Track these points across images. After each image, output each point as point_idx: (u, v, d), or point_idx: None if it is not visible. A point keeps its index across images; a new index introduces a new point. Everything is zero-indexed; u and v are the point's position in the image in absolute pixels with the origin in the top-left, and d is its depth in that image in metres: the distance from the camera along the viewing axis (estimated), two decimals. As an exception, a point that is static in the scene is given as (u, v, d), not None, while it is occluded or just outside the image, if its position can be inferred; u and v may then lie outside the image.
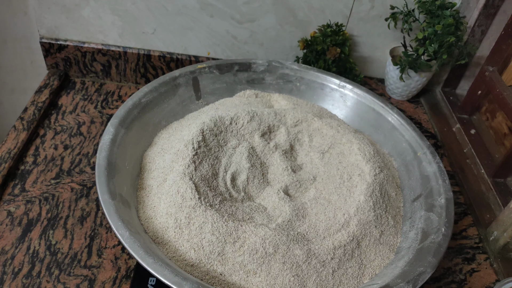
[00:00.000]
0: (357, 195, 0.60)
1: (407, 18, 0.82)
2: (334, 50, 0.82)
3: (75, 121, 0.73)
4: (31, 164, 0.64)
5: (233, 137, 0.68)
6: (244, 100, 0.76)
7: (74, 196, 0.61)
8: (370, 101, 0.73)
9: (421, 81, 0.85)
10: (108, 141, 0.56)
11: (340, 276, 0.51)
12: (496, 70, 0.80)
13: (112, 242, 0.56)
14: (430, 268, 0.49)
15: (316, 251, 0.52)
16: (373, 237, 0.55)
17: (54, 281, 0.51)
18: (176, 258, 0.50)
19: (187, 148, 0.61)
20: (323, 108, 0.78)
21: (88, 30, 0.82)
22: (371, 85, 0.93)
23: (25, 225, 0.56)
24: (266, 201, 0.59)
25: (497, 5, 0.81)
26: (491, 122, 0.84)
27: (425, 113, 0.89)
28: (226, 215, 0.54)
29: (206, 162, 0.61)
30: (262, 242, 0.51)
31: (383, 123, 0.71)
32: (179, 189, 0.56)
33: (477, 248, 0.64)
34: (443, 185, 0.59)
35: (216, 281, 0.49)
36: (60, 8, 0.80)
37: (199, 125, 0.66)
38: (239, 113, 0.70)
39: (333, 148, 0.70)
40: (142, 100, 0.64)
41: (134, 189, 0.57)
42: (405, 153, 0.67)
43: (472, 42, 0.86)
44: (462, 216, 0.68)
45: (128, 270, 0.53)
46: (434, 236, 0.53)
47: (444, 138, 0.82)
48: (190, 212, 0.54)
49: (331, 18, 0.85)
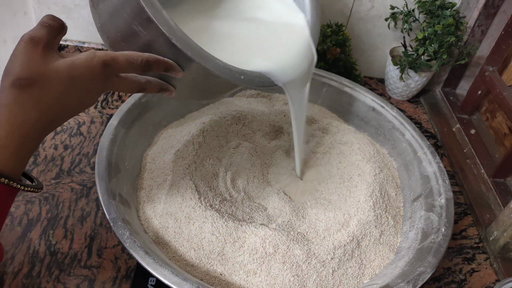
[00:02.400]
0: (357, 195, 0.60)
1: (407, 18, 0.82)
2: (334, 50, 0.82)
3: (75, 121, 0.73)
4: (31, 164, 0.64)
5: (233, 137, 0.68)
6: (244, 100, 0.76)
7: (74, 196, 0.61)
8: (370, 101, 0.73)
9: (421, 81, 0.85)
10: (108, 141, 0.56)
11: (340, 276, 0.51)
12: (496, 70, 0.80)
13: (112, 242, 0.56)
14: (430, 268, 0.49)
15: (316, 251, 0.52)
16: (373, 237, 0.55)
17: (54, 281, 0.51)
18: (176, 258, 0.50)
19: (187, 148, 0.61)
20: (323, 108, 0.78)
21: (88, 30, 0.82)
22: (371, 85, 0.93)
23: (25, 225, 0.56)
24: (266, 201, 0.59)
25: (497, 5, 0.81)
26: (491, 122, 0.84)
27: (425, 113, 0.89)
28: (226, 215, 0.54)
29: (206, 162, 0.61)
30: (262, 242, 0.51)
31: (383, 123, 0.71)
32: (179, 189, 0.56)
33: (477, 248, 0.64)
34: (443, 185, 0.59)
35: (216, 281, 0.49)
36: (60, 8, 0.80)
37: (199, 125, 0.66)
38: (239, 113, 0.70)
39: (333, 148, 0.70)
40: (142, 100, 0.64)
41: (134, 189, 0.57)
42: (405, 153, 0.67)
43: (472, 42, 0.87)
44: (462, 216, 0.68)
45: (128, 270, 0.53)
46: (434, 236, 0.53)
47: (444, 138, 0.82)
48: (190, 212, 0.54)
49: (331, 18, 0.85)
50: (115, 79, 0.39)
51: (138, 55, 0.39)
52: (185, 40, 0.39)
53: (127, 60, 0.38)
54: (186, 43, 0.39)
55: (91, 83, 0.37)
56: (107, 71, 0.37)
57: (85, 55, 0.37)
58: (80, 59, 0.36)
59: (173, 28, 0.38)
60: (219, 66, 0.41)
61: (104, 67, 0.37)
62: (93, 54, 0.37)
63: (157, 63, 0.40)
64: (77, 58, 0.36)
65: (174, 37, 0.38)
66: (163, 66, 0.40)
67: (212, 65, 0.41)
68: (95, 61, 0.36)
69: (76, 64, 0.36)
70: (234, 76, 0.43)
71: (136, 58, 0.38)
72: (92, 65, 0.36)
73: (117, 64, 0.37)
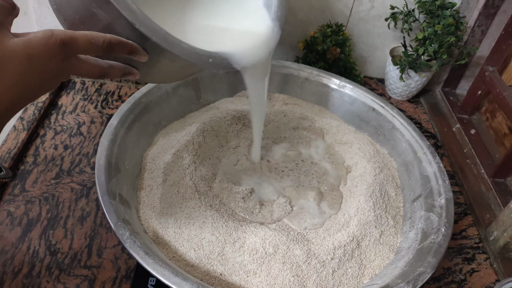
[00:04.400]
0: (357, 195, 0.60)
1: (407, 18, 0.82)
2: (334, 50, 0.82)
3: (75, 121, 0.73)
4: (31, 164, 0.64)
5: (233, 137, 0.68)
6: (244, 100, 0.76)
7: (74, 196, 0.61)
8: (370, 101, 0.73)
9: (421, 81, 0.85)
10: (108, 141, 0.56)
11: (340, 276, 0.51)
12: (496, 70, 0.80)
13: (112, 242, 0.56)
14: (430, 268, 0.49)
15: (316, 251, 0.52)
16: (373, 237, 0.55)
17: (54, 281, 0.51)
18: (176, 258, 0.50)
19: (187, 148, 0.61)
20: (323, 108, 0.78)
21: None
22: (371, 85, 0.93)
23: (25, 225, 0.56)
24: (266, 201, 0.59)
25: (497, 5, 0.81)
26: (491, 122, 0.84)
27: (425, 113, 0.89)
28: (226, 215, 0.54)
29: (206, 162, 0.62)
30: (262, 242, 0.51)
31: (383, 123, 0.71)
32: (179, 189, 0.56)
33: (477, 248, 0.64)
34: (443, 185, 0.59)
35: (216, 281, 0.49)
36: (60, 8, 0.79)
37: (199, 125, 0.66)
38: (239, 113, 0.70)
39: (333, 148, 0.70)
40: (142, 100, 0.64)
41: (134, 189, 0.57)
42: (405, 153, 0.67)
43: (472, 42, 0.86)
44: (462, 216, 0.68)
45: (128, 270, 0.53)
46: (434, 236, 0.53)
47: (444, 138, 0.82)
48: (190, 212, 0.54)
49: (331, 18, 0.85)
50: (74, 60, 0.37)
51: (100, 35, 0.37)
52: (149, 25, 0.37)
53: (87, 40, 0.36)
54: (150, 27, 0.37)
55: (49, 63, 0.35)
56: (66, 51, 0.35)
57: (41, 33, 0.34)
58: (36, 37, 0.34)
59: (135, 12, 0.36)
60: (186, 50, 0.40)
61: (63, 46, 0.35)
62: (50, 32, 0.34)
63: (120, 45, 0.38)
64: (34, 36, 0.34)
65: (137, 22, 0.37)
66: (126, 49, 0.38)
67: (179, 50, 0.39)
68: (52, 40, 0.34)
69: (33, 42, 0.34)
70: (202, 60, 0.42)
71: (97, 38, 0.36)
72: (49, 44, 0.34)
73: (76, 44, 0.35)
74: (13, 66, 0.33)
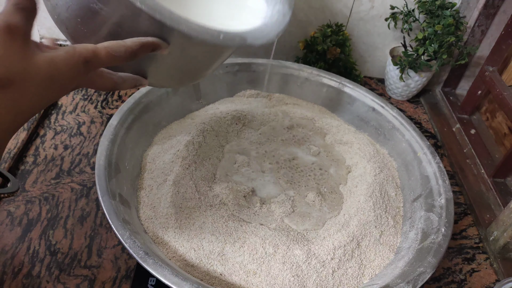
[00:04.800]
0: (357, 195, 0.60)
1: (407, 18, 0.82)
2: (334, 50, 0.82)
3: (75, 121, 0.73)
4: (31, 164, 0.64)
5: (233, 137, 0.68)
6: (244, 100, 0.76)
7: (74, 196, 0.61)
8: (370, 101, 0.73)
9: (421, 81, 0.85)
10: (108, 141, 0.56)
11: (340, 276, 0.51)
12: (496, 70, 0.80)
13: (112, 242, 0.56)
14: (430, 268, 0.49)
15: (316, 251, 0.52)
16: (373, 237, 0.55)
17: (54, 281, 0.51)
18: (176, 258, 0.50)
19: (187, 148, 0.61)
20: (323, 108, 0.78)
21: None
22: (371, 85, 0.93)
23: (25, 225, 0.56)
24: (266, 201, 0.59)
25: (497, 5, 0.81)
26: (491, 122, 0.84)
27: (425, 113, 0.89)
28: (226, 215, 0.54)
29: (206, 162, 0.62)
30: (262, 242, 0.51)
31: (383, 123, 0.72)
32: (179, 189, 0.56)
33: (477, 248, 0.64)
34: (443, 185, 0.59)
35: (216, 281, 0.49)
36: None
37: (199, 125, 0.66)
38: (239, 113, 0.70)
39: (333, 148, 0.70)
40: (142, 100, 0.64)
41: (134, 189, 0.57)
42: (405, 153, 0.67)
43: (472, 42, 0.86)
44: (462, 216, 0.68)
45: (128, 270, 0.53)
46: (434, 236, 0.53)
47: (444, 138, 0.82)
48: (190, 212, 0.54)
49: (331, 18, 0.85)
50: (91, 75, 0.35)
51: (120, 44, 0.34)
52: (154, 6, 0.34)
53: (107, 53, 0.34)
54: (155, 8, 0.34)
55: (69, 82, 0.33)
56: (88, 68, 0.33)
57: (64, 51, 0.32)
58: (60, 56, 0.32)
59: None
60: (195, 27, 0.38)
61: (86, 63, 0.33)
62: (73, 50, 0.32)
63: (142, 48, 0.36)
64: (57, 55, 0.32)
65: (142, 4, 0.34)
66: (149, 48, 0.36)
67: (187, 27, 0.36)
68: (75, 58, 0.32)
69: (56, 62, 0.31)
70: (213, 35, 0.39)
71: (118, 49, 0.34)
72: (72, 63, 0.32)
73: (98, 59, 0.33)
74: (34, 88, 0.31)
